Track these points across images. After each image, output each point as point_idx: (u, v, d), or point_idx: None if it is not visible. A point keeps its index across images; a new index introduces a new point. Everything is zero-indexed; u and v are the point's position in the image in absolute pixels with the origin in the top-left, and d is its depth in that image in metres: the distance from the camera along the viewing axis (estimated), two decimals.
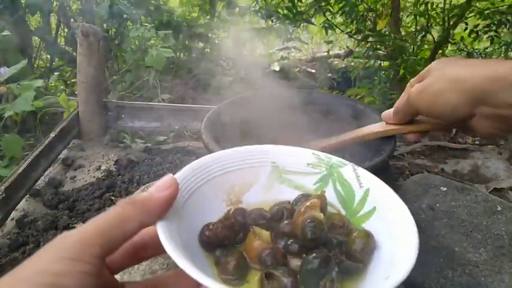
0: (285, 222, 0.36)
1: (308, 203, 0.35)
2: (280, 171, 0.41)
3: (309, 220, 0.33)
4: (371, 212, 0.37)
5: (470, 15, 1.66)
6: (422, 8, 1.77)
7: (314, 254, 0.31)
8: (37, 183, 0.92)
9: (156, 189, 0.32)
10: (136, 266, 0.51)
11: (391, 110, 0.58)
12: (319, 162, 0.41)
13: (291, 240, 0.34)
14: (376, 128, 0.59)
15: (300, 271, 0.32)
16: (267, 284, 0.30)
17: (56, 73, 1.92)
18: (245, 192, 0.40)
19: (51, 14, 1.92)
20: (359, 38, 1.80)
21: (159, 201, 0.31)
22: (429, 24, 1.78)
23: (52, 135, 1.01)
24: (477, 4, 1.64)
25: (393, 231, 0.33)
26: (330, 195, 0.39)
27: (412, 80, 0.54)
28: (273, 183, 0.41)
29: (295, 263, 0.33)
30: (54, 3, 1.78)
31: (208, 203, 0.37)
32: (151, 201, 0.31)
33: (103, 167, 1.00)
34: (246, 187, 0.40)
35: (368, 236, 0.34)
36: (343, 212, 0.39)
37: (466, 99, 0.45)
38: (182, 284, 0.32)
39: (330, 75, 2.35)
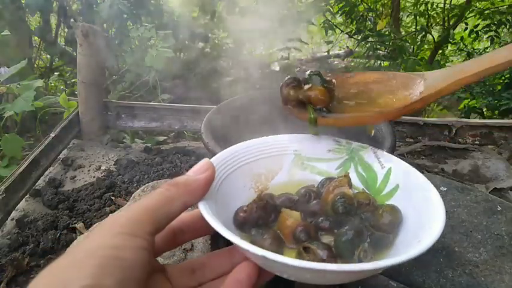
0: (314, 202, 0.38)
1: (336, 182, 0.37)
2: (302, 159, 0.43)
3: (339, 196, 0.35)
4: (394, 190, 0.39)
5: (470, 15, 1.66)
6: (422, 8, 1.78)
7: (347, 227, 0.33)
8: (37, 183, 0.92)
9: (194, 172, 0.34)
10: None
11: None
12: (340, 148, 0.44)
13: (322, 217, 0.36)
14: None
15: (334, 243, 0.33)
16: (306, 255, 0.32)
17: (56, 73, 1.92)
18: (271, 180, 0.42)
19: (51, 14, 1.92)
20: (359, 38, 1.80)
21: (199, 182, 0.33)
22: (429, 24, 1.78)
23: (52, 135, 1.01)
24: (477, 4, 1.65)
25: (417, 203, 0.35)
26: (353, 179, 0.40)
27: None
28: (296, 170, 0.43)
29: (327, 239, 0.35)
30: (54, 3, 1.78)
31: (237, 190, 0.40)
32: (193, 182, 0.33)
33: (103, 167, 1.00)
34: (271, 175, 0.43)
35: (394, 209, 0.36)
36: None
37: None
38: (219, 264, 0.34)
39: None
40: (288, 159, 0.44)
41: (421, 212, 0.34)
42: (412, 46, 1.78)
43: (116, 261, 0.26)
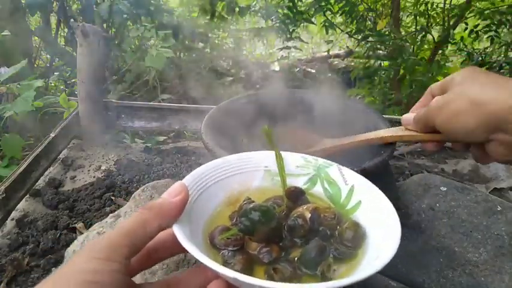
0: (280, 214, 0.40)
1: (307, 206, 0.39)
2: (272, 174, 0.45)
3: (295, 216, 0.38)
4: (357, 205, 0.41)
5: (470, 15, 1.66)
6: (422, 8, 1.78)
7: (311, 244, 0.36)
8: (37, 183, 0.92)
9: (169, 195, 0.35)
10: None
11: (411, 114, 0.55)
12: (307, 164, 0.46)
13: (285, 239, 0.38)
14: (396, 131, 0.58)
15: (300, 259, 0.36)
16: (275, 275, 0.34)
17: (56, 73, 1.92)
18: (244, 194, 0.44)
19: (51, 14, 1.92)
20: (359, 38, 1.80)
21: (173, 205, 0.35)
22: (429, 24, 1.78)
23: (52, 135, 1.01)
24: (477, 4, 1.65)
25: (378, 219, 0.37)
26: (319, 193, 0.44)
27: (434, 85, 0.52)
28: (267, 185, 0.45)
29: (295, 252, 0.37)
30: (54, 3, 1.78)
31: (211, 206, 0.41)
32: (167, 205, 0.34)
33: (103, 167, 1.00)
34: (244, 189, 0.44)
35: (357, 225, 0.38)
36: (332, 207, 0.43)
37: (484, 125, 0.43)
38: (193, 281, 0.36)
39: (330, 75, 2.35)
40: (259, 175, 0.46)
41: (380, 228, 0.36)
42: (412, 46, 1.78)
43: (92, 285, 0.28)
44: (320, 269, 0.34)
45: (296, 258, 0.36)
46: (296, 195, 0.42)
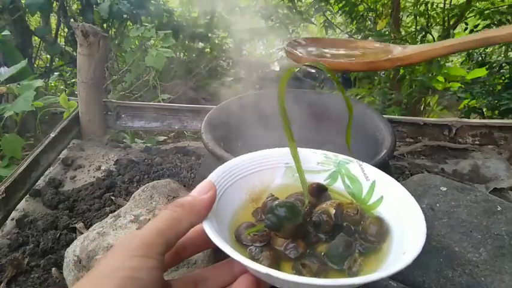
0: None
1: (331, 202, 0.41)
2: (293, 171, 0.45)
3: (319, 212, 0.39)
4: (379, 201, 0.41)
5: (470, 15, 1.66)
6: (422, 8, 1.78)
7: (337, 240, 0.36)
8: (37, 183, 0.91)
9: (198, 193, 0.36)
10: None
11: None
12: (328, 161, 0.46)
13: (314, 233, 0.39)
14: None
15: (327, 254, 0.36)
16: (303, 270, 0.34)
17: (56, 73, 1.93)
18: (265, 191, 0.44)
19: (51, 14, 1.92)
20: (359, 37, 1.80)
21: (204, 202, 0.35)
22: (429, 24, 1.78)
23: (52, 135, 1.01)
24: (477, 4, 1.65)
25: (401, 214, 0.38)
26: (340, 189, 0.45)
27: None
28: (288, 182, 0.46)
29: (321, 247, 0.37)
30: (54, 3, 1.78)
31: (234, 203, 0.42)
32: (198, 203, 0.35)
33: (103, 167, 1.00)
34: (265, 187, 0.45)
35: (380, 220, 0.39)
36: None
37: None
38: (219, 277, 0.37)
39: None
40: (280, 172, 0.46)
41: (404, 223, 0.37)
42: None
43: (133, 281, 0.29)
44: (347, 264, 0.35)
45: (323, 254, 0.36)
46: (318, 191, 0.43)
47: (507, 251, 0.55)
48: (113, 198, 0.86)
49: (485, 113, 1.77)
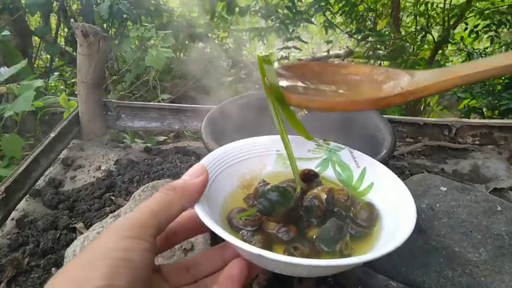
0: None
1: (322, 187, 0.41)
2: (284, 158, 0.45)
3: (310, 197, 0.39)
4: (369, 187, 0.42)
5: (470, 15, 1.66)
6: (422, 8, 1.78)
7: (329, 224, 0.37)
8: (37, 183, 0.91)
9: (190, 176, 0.36)
10: None
11: None
12: (319, 148, 0.46)
13: (304, 218, 0.39)
14: None
15: (318, 237, 0.36)
16: (295, 253, 0.35)
17: (56, 73, 1.92)
18: (256, 178, 0.44)
19: (51, 14, 1.92)
20: (359, 38, 1.80)
21: (196, 186, 0.35)
22: (429, 24, 1.78)
23: (52, 135, 1.01)
24: (477, 4, 1.65)
25: (391, 200, 0.38)
26: (331, 176, 0.45)
27: None
28: (279, 169, 0.46)
29: (310, 234, 0.38)
30: (54, 3, 1.78)
31: (226, 188, 0.42)
32: (190, 186, 0.35)
33: (103, 167, 1.00)
34: (256, 174, 0.45)
35: (371, 206, 0.39)
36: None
37: None
38: (211, 262, 0.37)
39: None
40: (271, 159, 0.46)
41: (395, 209, 0.37)
42: (412, 46, 1.78)
43: (126, 263, 0.28)
44: (338, 247, 0.35)
45: (315, 237, 0.37)
46: (310, 177, 0.43)
47: (507, 251, 0.55)
48: (113, 198, 0.86)
49: (485, 113, 1.77)
